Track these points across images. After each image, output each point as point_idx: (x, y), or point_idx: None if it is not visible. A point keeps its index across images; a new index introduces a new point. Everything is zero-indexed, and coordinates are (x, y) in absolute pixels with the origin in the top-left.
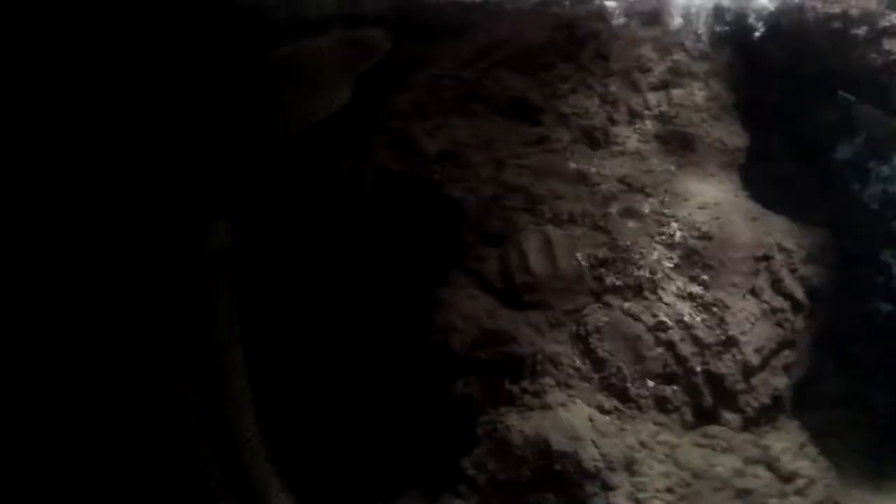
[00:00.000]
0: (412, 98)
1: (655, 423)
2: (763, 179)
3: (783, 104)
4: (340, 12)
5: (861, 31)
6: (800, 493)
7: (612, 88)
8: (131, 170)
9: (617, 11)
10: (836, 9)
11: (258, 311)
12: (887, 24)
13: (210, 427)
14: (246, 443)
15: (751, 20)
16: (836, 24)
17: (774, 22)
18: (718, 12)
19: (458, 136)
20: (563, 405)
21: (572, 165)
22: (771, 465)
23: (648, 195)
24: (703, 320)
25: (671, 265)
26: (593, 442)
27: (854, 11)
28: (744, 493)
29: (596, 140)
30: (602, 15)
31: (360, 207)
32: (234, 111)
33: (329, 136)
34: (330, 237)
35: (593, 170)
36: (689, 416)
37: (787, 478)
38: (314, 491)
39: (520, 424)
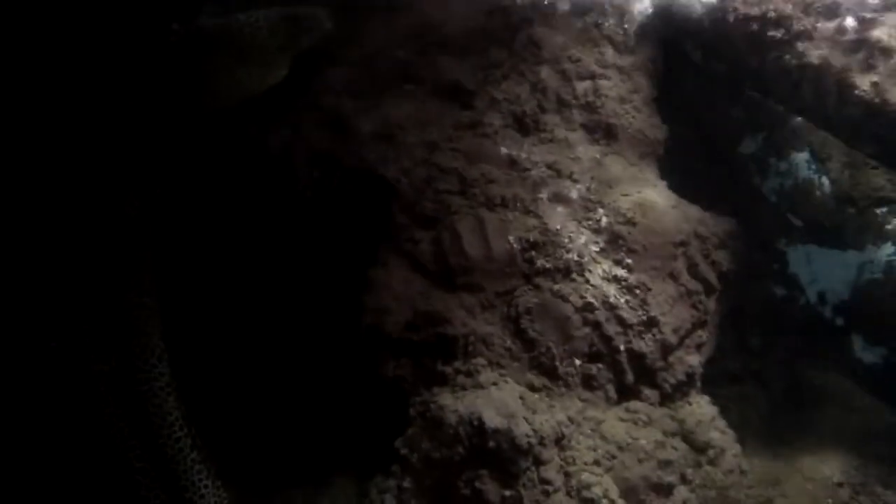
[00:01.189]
0: (345, 75)
1: (582, 400)
2: (679, 170)
3: (697, 99)
4: None
5: (778, 33)
6: (712, 462)
7: (543, 76)
8: (39, 148)
9: (550, 1)
10: (756, 11)
11: (181, 290)
12: (801, 27)
13: (130, 413)
14: (168, 430)
15: (674, 18)
16: (755, 26)
17: (695, 20)
18: (645, 8)
19: (392, 116)
20: (495, 384)
21: (503, 150)
22: (686, 437)
23: (576, 182)
24: (627, 301)
25: (597, 249)
26: (525, 419)
27: (772, 14)
28: (664, 463)
29: (526, 126)
30: (536, 3)
31: (289, 187)
32: (159, 82)
33: (258, 112)
34: (258, 217)
35: (524, 155)
36: (612, 393)
37: (701, 448)
38: (245, 477)
39: (453, 404)
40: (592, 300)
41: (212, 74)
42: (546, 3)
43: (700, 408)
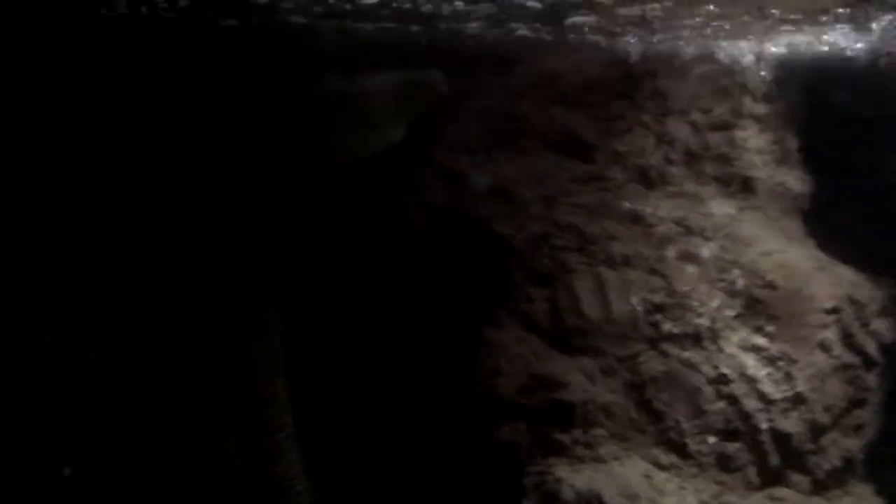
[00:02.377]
0: (461, 131)
1: (717, 482)
2: (827, 227)
3: (847, 150)
4: (391, 44)
5: None
6: None
7: (670, 128)
8: (179, 196)
9: (676, 50)
10: None
11: (301, 346)
12: None
13: (250, 462)
14: (287, 482)
15: (817, 63)
16: None
17: (842, 64)
18: (783, 53)
19: (508, 171)
20: (617, 459)
21: (626, 205)
22: None
23: (708, 239)
24: (769, 374)
25: (733, 314)
26: (651, 501)
27: None
28: None
29: (651, 180)
30: (660, 53)
31: (406, 242)
32: (285, 142)
33: (377, 169)
34: (376, 272)
35: (648, 210)
36: (753, 477)
37: None
38: None
39: (570, 478)
40: (728, 371)
41: (335, 135)
42: (671, 52)
43: (861, 499)
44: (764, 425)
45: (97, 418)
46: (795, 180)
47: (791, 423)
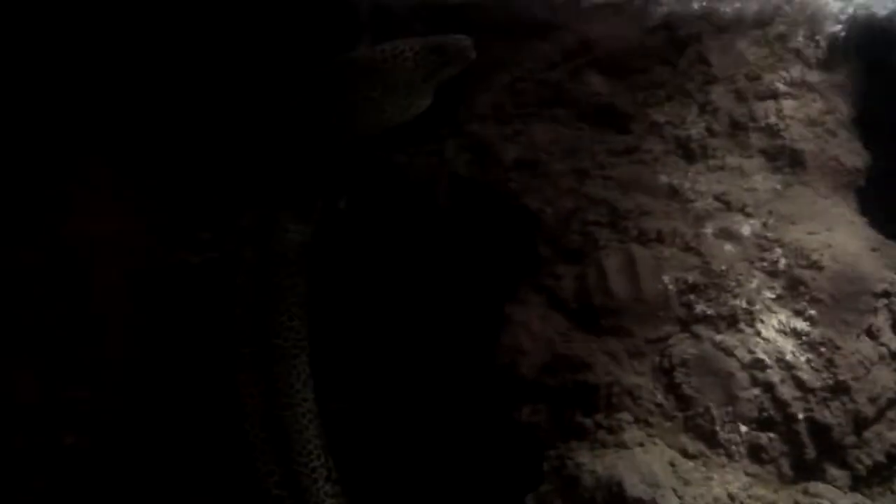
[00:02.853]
0: (491, 100)
1: (748, 474)
2: (883, 205)
3: None
4: (425, 5)
5: None
6: None
7: (714, 97)
8: (200, 166)
9: (723, 12)
10: None
11: (320, 318)
12: None
13: (271, 438)
14: (306, 458)
15: (880, 27)
16: None
17: None
18: (841, 17)
19: (539, 142)
20: (640, 445)
21: (663, 179)
22: None
23: (749, 216)
24: (809, 361)
25: (773, 296)
26: (674, 490)
27: None
28: None
29: (691, 152)
30: (706, 15)
31: (429, 214)
32: (307, 111)
33: (402, 139)
34: (398, 244)
35: (687, 185)
36: (787, 469)
37: None
38: None
39: (591, 463)
40: (764, 356)
41: (357, 105)
42: (718, 14)
43: None
44: (801, 415)
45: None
46: (849, 154)
47: (831, 414)
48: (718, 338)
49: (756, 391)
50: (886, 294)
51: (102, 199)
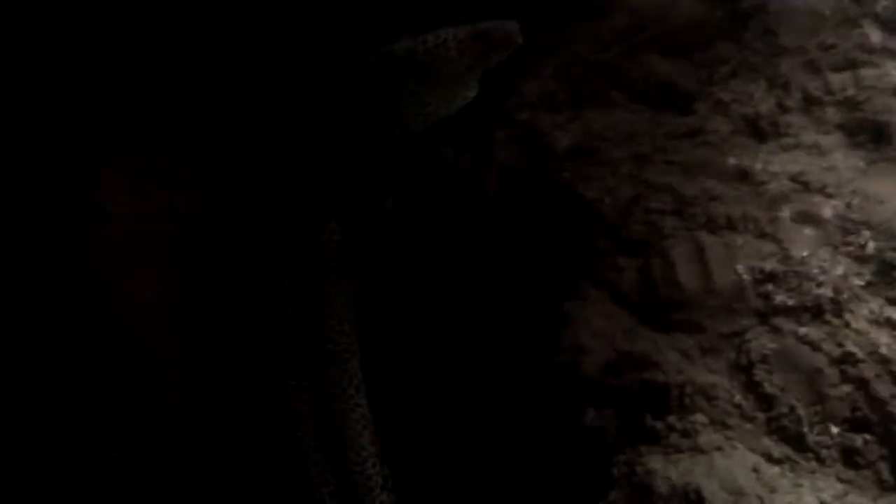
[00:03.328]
0: (541, 87)
1: (841, 480)
2: None
3: None
4: None
5: None
6: None
7: (783, 70)
8: (242, 168)
9: None
10: None
11: (371, 322)
12: None
13: (325, 446)
14: (360, 466)
15: None
16: None
17: None
18: None
19: (594, 128)
20: (719, 449)
21: (732, 161)
22: None
23: (830, 196)
24: None
25: (862, 283)
26: (760, 499)
27: None
28: None
29: (762, 131)
30: None
31: (480, 210)
32: (348, 108)
33: (447, 132)
34: (447, 242)
35: (758, 166)
36: (887, 475)
37: None
38: None
39: (665, 469)
40: (855, 349)
41: (400, 99)
42: None
43: None
44: None
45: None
46: None
47: None
48: (802, 331)
49: (847, 388)
50: None
51: (144, 196)
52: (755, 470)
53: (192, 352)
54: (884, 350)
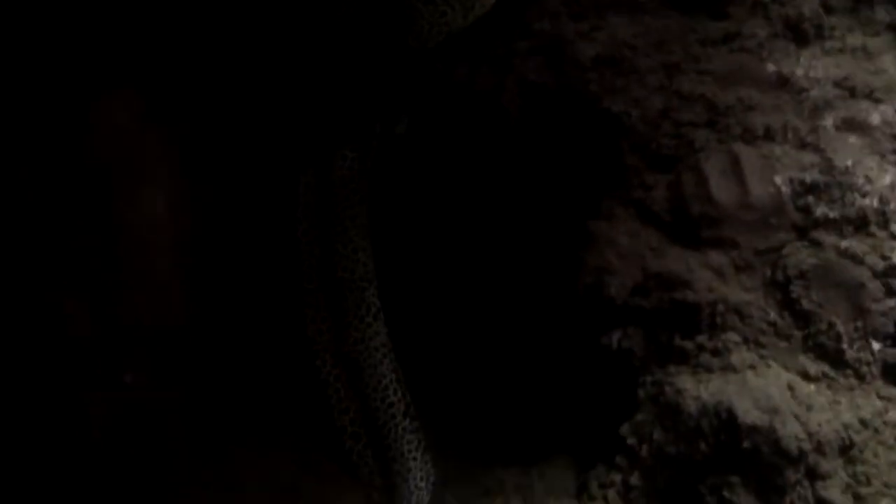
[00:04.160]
0: None
1: (881, 398)
2: None
3: None
4: None
5: None
6: None
7: None
8: (252, 95)
9: None
10: None
11: (386, 247)
12: None
13: (345, 375)
14: (381, 393)
15: None
16: None
17: None
18: None
19: (620, 36)
20: (752, 368)
21: (770, 67)
22: None
23: (878, 101)
24: None
25: None
26: (796, 416)
27: None
28: None
29: (804, 34)
30: None
31: (498, 129)
32: (360, 19)
33: (464, 47)
34: (464, 165)
35: (800, 72)
36: None
37: None
38: (453, 452)
39: (695, 388)
40: None
41: (414, 9)
42: None
43: None
44: None
45: None
46: None
47: None
48: (844, 244)
49: (891, 302)
50: None
51: (145, 128)
52: (790, 388)
53: (203, 277)
54: None
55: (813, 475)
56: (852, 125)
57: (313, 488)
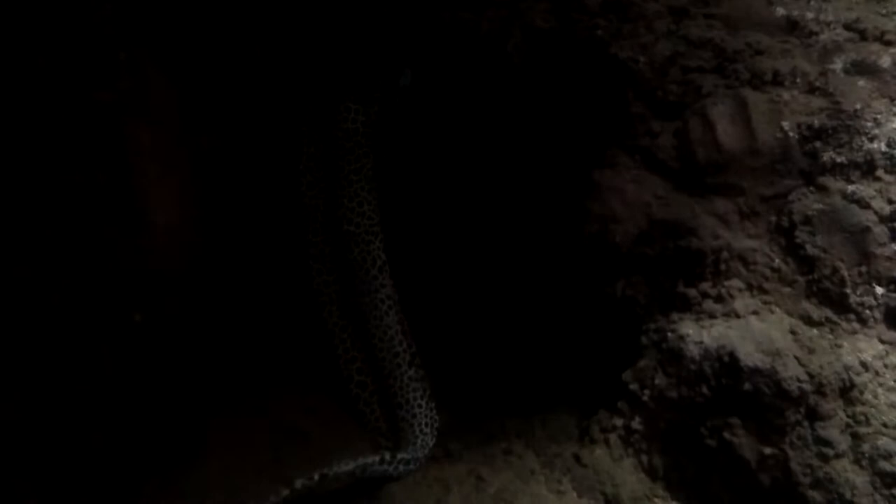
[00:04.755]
0: None
1: (883, 342)
2: None
3: None
4: None
5: None
6: None
7: None
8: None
9: None
10: None
11: (392, 200)
12: None
13: (351, 325)
14: (387, 343)
15: None
16: None
17: None
18: None
19: None
20: (755, 313)
21: (780, 11)
22: None
23: (889, 44)
24: None
25: None
26: (797, 359)
27: None
28: None
29: None
30: None
31: (503, 77)
32: None
33: None
34: (469, 113)
35: (809, 15)
36: None
37: None
38: (455, 399)
39: (697, 334)
40: None
41: None
42: None
43: None
44: None
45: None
46: None
47: None
48: (851, 188)
49: None
50: None
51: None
52: (793, 332)
53: (211, 225)
54: None
55: (813, 416)
56: (862, 68)
57: (320, 433)
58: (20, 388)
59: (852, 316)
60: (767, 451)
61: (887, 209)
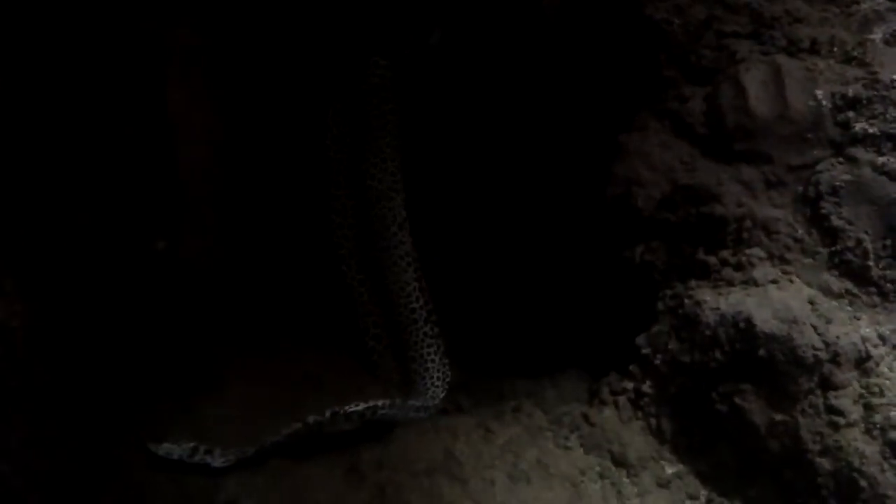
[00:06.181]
0: None
1: None
2: None
3: None
4: None
5: None
6: None
7: None
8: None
9: None
10: None
11: (419, 157)
12: None
13: (369, 280)
14: (405, 299)
15: None
16: None
17: None
18: None
19: None
20: (774, 282)
21: None
22: None
23: None
24: None
25: None
26: (814, 328)
27: None
28: None
29: None
30: None
31: (535, 34)
32: None
33: None
34: (500, 71)
35: None
36: None
37: None
38: (469, 359)
39: (714, 300)
40: None
41: None
42: None
43: None
44: None
45: None
46: None
47: None
48: (881, 160)
49: None
50: None
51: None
52: (811, 302)
53: (240, 162)
54: None
55: (826, 385)
56: None
57: (335, 381)
58: (48, 300)
59: (873, 289)
60: (778, 417)
61: None
